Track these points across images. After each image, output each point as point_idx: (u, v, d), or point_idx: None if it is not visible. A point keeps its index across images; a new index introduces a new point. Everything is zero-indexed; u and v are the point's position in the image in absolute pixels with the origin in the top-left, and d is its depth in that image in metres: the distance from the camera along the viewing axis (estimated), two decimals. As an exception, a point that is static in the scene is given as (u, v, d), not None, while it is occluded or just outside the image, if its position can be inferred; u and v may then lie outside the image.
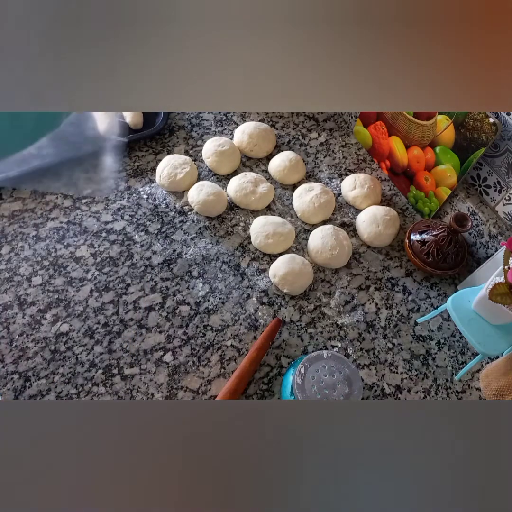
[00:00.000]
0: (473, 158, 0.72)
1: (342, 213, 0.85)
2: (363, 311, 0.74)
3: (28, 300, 0.68)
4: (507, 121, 0.68)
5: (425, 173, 0.81)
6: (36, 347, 0.64)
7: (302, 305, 0.73)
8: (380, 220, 0.79)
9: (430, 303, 0.76)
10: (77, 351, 0.65)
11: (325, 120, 0.98)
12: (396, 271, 0.79)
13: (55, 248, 0.73)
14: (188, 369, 0.65)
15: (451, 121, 0.73)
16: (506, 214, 0.73)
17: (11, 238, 0.74)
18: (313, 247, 0.77)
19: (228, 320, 0.70)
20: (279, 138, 0.93)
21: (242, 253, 0.77)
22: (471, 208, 0.77)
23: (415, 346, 0.71)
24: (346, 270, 0.78)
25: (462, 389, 0.68)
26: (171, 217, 0.80)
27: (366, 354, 0.70)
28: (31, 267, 0.71)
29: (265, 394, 0.65)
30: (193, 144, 0.89)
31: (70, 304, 0.69)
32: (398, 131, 0.84)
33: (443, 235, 0.74)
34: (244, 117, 0.95)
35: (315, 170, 0.90)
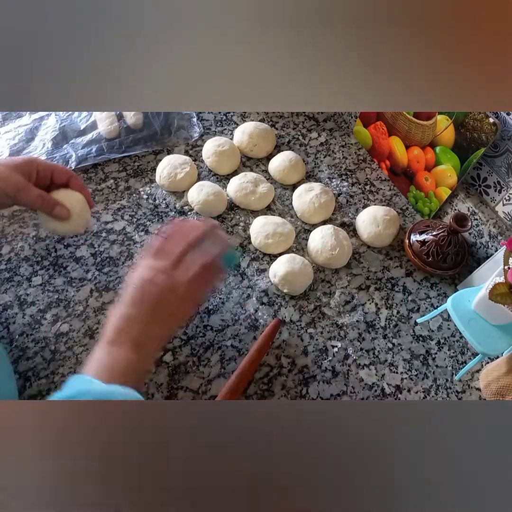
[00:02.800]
0: (473, 158, 0.72)
1: (342, 213, 0.85)
2: (363, 311, 0.74)
3: (28, 300, 0.68)
4: (507, 121, 0.68)
5: (425, 173, 0.81)
6: (36, 347, 0.64)
7: (302, 305, 0.73)
8: (380, 220, 0.79)
9: (430, 303, 0.76)
10: (77, 351, 0.65)
11: (325, 120, 0.98)
12: (396, 271, 0.79)
13: (55, 248, 0.73)
14: (188, 369, 0.65)
15: (451, 121, 0.73)
16: (506, 214, 0.73)
17: (11, 238, 0.74)
18: (313, 247, 0.77)
19: (228, 320, 0.70)
20: (279, 138, 0.93)
21: (242, 253, 0.77)
22: (471, 208, 0.77)
23: (415, 346, 0.71)
24: (346, 270, 0.78)
25: (462, 389, 0.68)
26: (171, 217, 0.80)
27: (366, 354, 0.70)
28: (31, 267, 0.71)
29: (265, 394, 0.65)
30: (193, 144, 0.89)
31: (70, 304, 0.69)
32: (398, 131, 0.84)
33: (443, 235, 0.74)
34: (244, 117, 0.95)
35: (315, 170, 0.90)
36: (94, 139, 0.84)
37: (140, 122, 0.88)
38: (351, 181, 0.89)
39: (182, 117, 0.92)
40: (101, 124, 0.85)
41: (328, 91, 0.38)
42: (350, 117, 0.97)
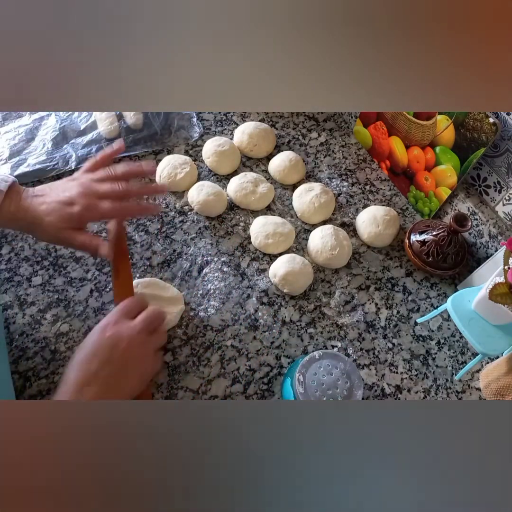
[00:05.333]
0: (473, 158, 0.72)
1: (342, 213, 0.85)
2: (363, 311, 0.74)
3: (28, 300, 0.68)
4: (507, 121, 0.68)
5: (425, 173, 0.81)
6: (36, 347, 0.64)
7: (302, 305, 0.73)
8: (380, 220, 0.79)
9: (430, 303, 0.76)
10: (77, 351, 0.65)
11: (325, 120, 0.98)
12: (396, 271, 0.79)
13: (55, 248, 0.73)
14: (188, 369, 0.65)
15: (451, 121, 0.73)
16: (506, 214, 0.73)
17: (11, 238, 0.74)
18: (313, 247, 0.77)
19: (228, 320, 0.70)
20: (279, 138, 0.93)
21: (242, 253, 0.77)
22: (471, 208, 0.77)
23: (415, 346, 0.71)
24: (346, 270, 0.78)
25: (462, 389, 0.68)
26: (171, 217, 0.80)
27: (366, 354, 0.70)
28: (31, 267, 0.71)
29: (265, 394, 0.65)
30: (193, 144, 0.89)
31: (70, 304, 0.69)
32: (398, 131, 0.84)
33: (443, 235, 0.74)
34: (244, 117, 0.95)
35: (315, 170, 0.90)
36: (94, 139, 0.84)
37: (140, 122, 0.88)
38: (351, 181, 0.89)
39: (182, 117, 0.92)
40: (101, 124, 0.86)
41: (327, 91, 0.38)
42: (350, 117, 0.97)
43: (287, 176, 0.85)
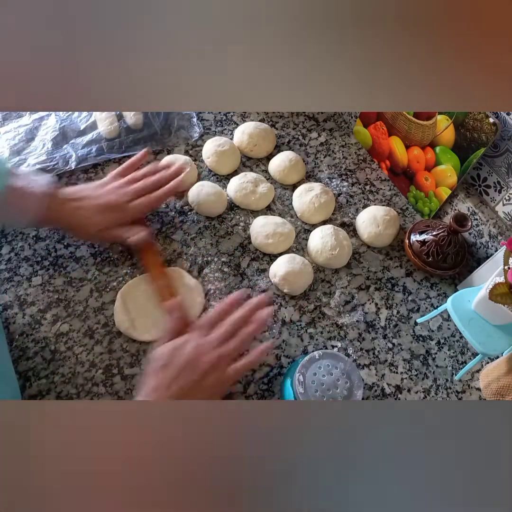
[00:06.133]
0: (473, 158, 0.72)
1: (342, 213, 0.85)
2: (363, 311, 0.74)
3: (28, 300, 0.68)
4: (507, 121, 0.68)
5: (425, 173, 0.81)
6: (36, 347, 0.64)
7: (302, 305, 0.73)
8: (380, 220, 0.79)
9: (430, 303, 0.76)
10: (77, 351, 0.65)
11: (325, 120, 0.98)
12: (396, 271, 0.79)
13: (55, 248, 0.73)
14: (188, 369, 0.65)
15: (451, 121, 0.73)
16: (506, 214, 0.73)
17: (11, 238, 0.74)
18: (313, 247, 0.77)
19: (228, 320, 0.70)
20: (279, 138, 0.93)
21: (242, 253, 0.77)
22: (471, 208, 0.77)
23: (415, 346, 0.71)
24: (346, 270, 0.78)
25: (462, 389, 0.68)
26: (171, 217, 0.80)
27: (366, 354, 0.70)
28: (31, 267, 0.71)
29: (265, 394, 0.65)
30: (193, 144, 0.89)
31: (70, 304, 0.69)
32: (398, 131, 0.84)
33: (443, 235, 0.74)
34: (244, 117, 0.95)
35: (315, 170, 0.90)
36: (94, 139, 0.84)
37: (140, 122, 0.88)
38: (351, 181, 0.89)
39: (182, 117, 0.92)
40: (101, 124, 0.85)
41: (328, 91, 0.38)
42: (350, 117, 0.97)
43: (287, 176, 0.85)
